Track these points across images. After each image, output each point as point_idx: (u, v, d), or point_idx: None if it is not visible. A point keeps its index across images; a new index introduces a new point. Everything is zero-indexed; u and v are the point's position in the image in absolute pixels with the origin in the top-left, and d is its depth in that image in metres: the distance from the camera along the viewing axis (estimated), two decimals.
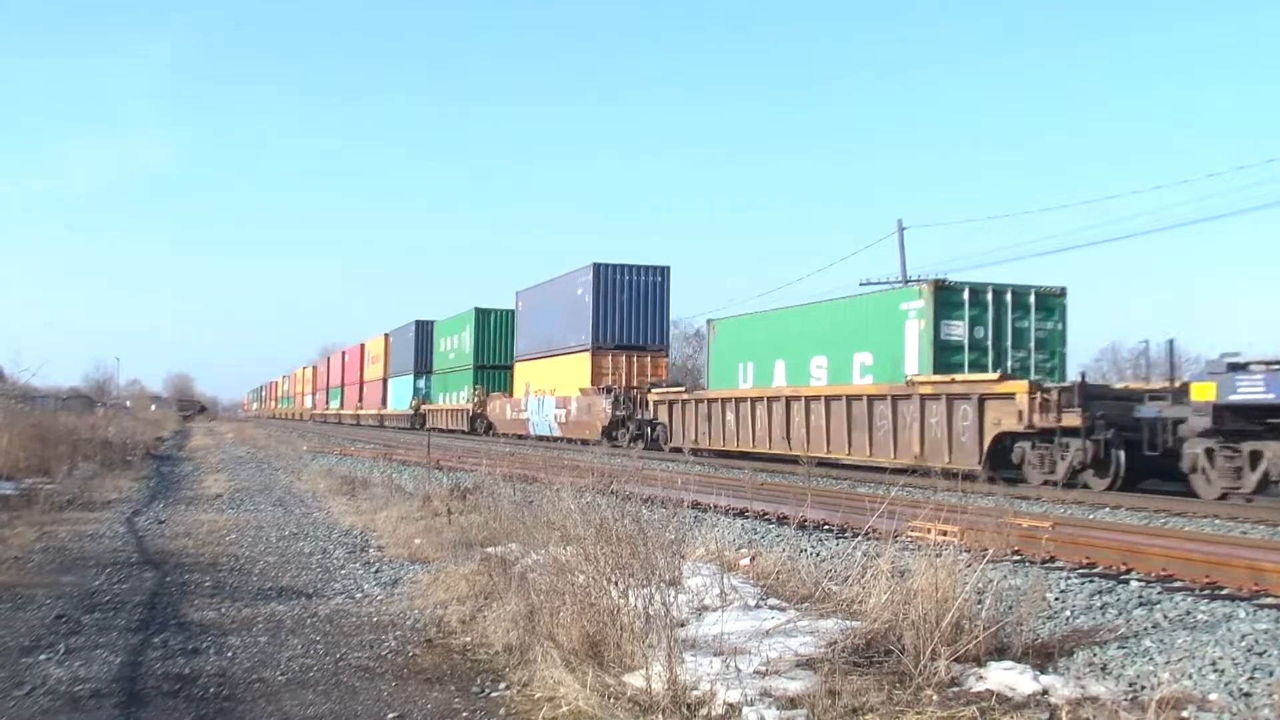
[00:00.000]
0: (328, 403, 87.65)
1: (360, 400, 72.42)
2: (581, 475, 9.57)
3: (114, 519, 14.42)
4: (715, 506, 12.31)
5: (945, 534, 7.49)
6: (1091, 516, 13.34)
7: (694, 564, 7.58)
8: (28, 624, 7.57)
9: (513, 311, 46.76)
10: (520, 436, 40.83)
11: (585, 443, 31.15)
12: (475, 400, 47.17)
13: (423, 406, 56.54)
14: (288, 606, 8.26)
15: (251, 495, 18.29)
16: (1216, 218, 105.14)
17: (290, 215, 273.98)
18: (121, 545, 11.87)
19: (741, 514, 12.41)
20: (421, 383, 58.25)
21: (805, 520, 10.85)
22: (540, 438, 38.92)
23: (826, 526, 11.30)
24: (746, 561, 8.54)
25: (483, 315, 48.81)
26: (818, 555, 9.39)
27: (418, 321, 59.59)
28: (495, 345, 48.27)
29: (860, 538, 7.91)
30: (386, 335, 66.81)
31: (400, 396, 61.60)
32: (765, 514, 12.43)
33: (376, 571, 9.84)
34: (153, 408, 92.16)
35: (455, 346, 52.20)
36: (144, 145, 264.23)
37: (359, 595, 8.74)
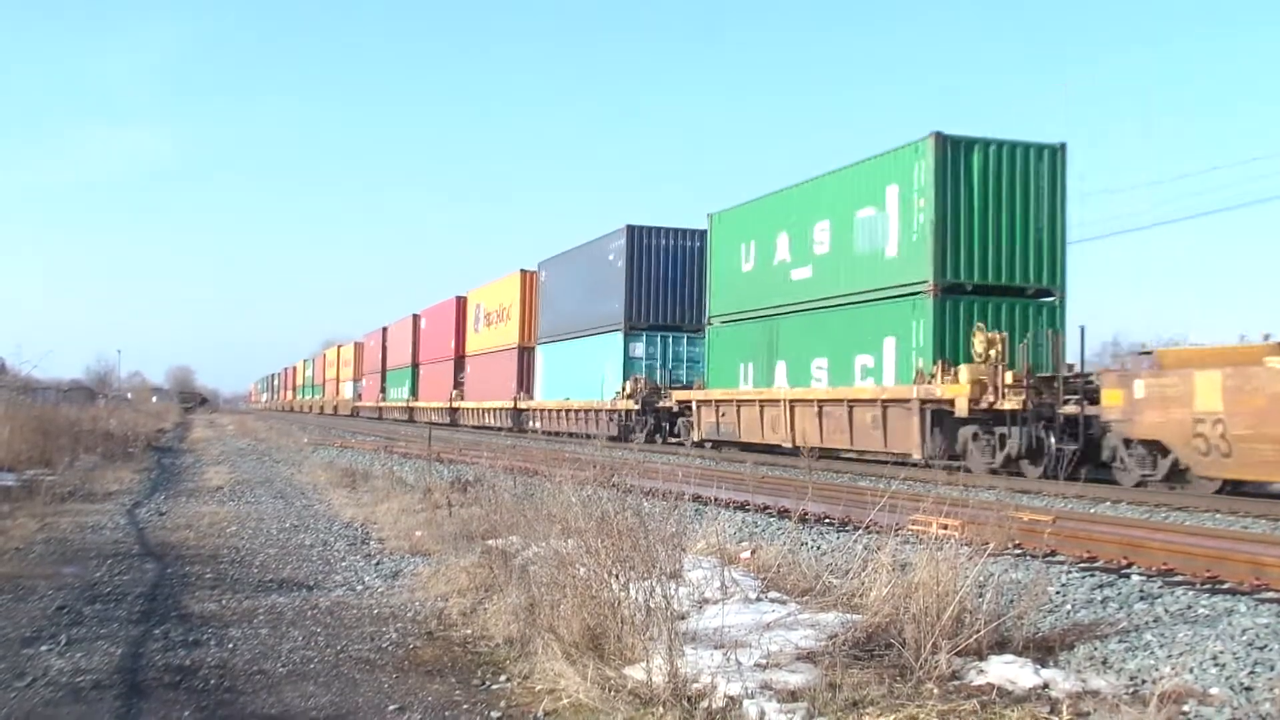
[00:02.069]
0: (384, 389, 67.45)
1: (459, 386, 48.76)
2: (582, 468, 9.57)
3: (115, 511, 14.43)
4: (716, 500, 12.30)
5: (946, 528, 7.49)
6: (1093, 510, 13.34)
7: (695, 557, 7.58)
8: (29, 615, 7.58)
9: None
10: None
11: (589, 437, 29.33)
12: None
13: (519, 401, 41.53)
14: (289, 599, 8.26)
15: (252, 487, 18.29)
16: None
17: (291, 207, 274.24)
18: (123, 537, 11.88)
19: (742, 507, 12.41)
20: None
21: (806, 514, 10.84)
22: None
23: (827, 520, 11.29)
24: (747, 555, 8.54)
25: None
26: (818, 549, 9.39)
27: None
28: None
29: (861, 531, 7.90)
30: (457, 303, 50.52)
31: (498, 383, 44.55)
32: (766, 507, 12.43)
33: (377, 564, 9.85)
34: (154, 400, 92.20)
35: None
36: (145, 136, 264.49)
37: (360, 587, 8.74)
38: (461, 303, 50.34)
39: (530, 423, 39.19)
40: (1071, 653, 5.96)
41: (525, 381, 40.73)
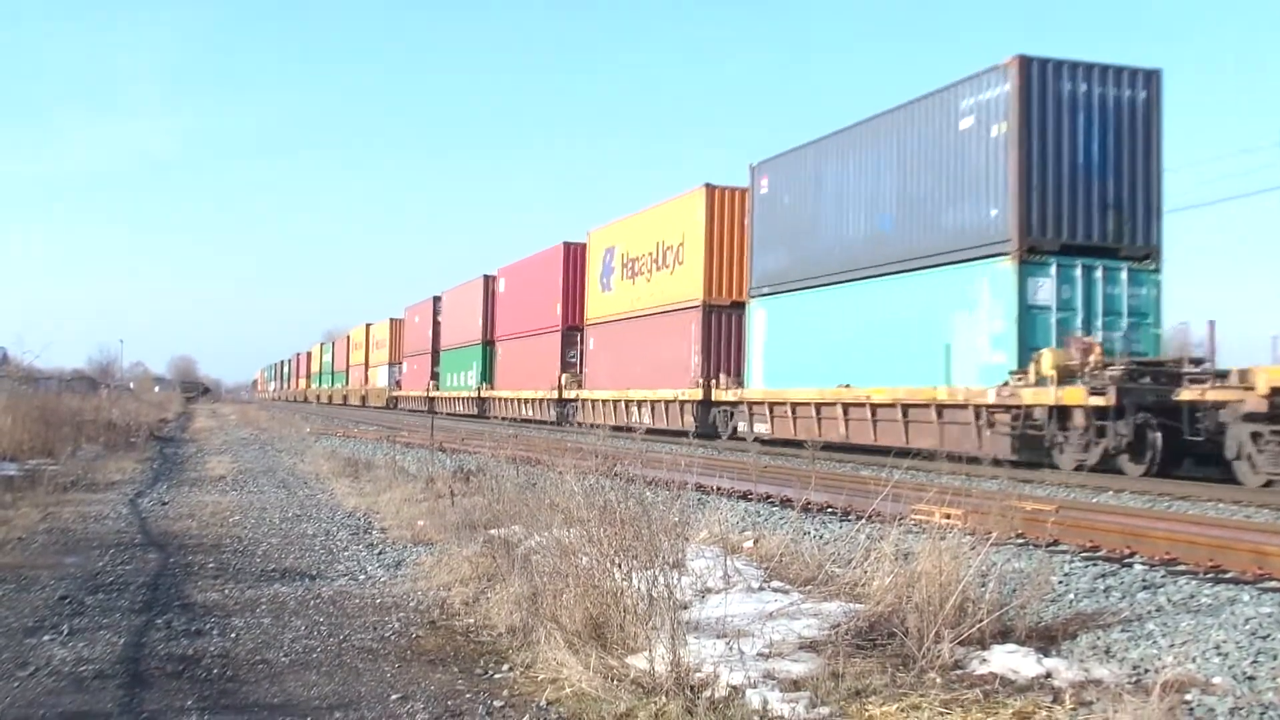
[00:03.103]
0: (437, 374, 54.03)
1: (570, 369, 36.20)
2: (585, 458, 9.56)
3: (117, 500, 14.44)
4: (719, 489, 12.31)
5: (949, 517, 7.48)
6: (1095, 500, 13.33)
7: (697, 546, 7.58)
8: (31, 605, 7.59)
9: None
10: None
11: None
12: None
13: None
14: (291, 588, 8.26)
15: (255, 477, 18.31)
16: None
17: (293, 198, 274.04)
18: (125, 527, 11.89)
19: (745, 497, 12.41)
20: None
21: (809, 503, 10.84)
22: None
23: (830, 509, 11.29)
24: (750, 544, 8.54)
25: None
26: (821, 538, 9.39)
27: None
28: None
29: (864, 521, 7.90)
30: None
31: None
32: (769, 497, 12.42)
33: (380, 553, 9.85)
34: (156, 390, 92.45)
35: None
36: (148, 127, 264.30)
37: (362, 577, 8.74)
38: (576, 251, 36.58)
39: (746, 425, 25.35)
40: (1074, 642, 5.96)
41: (719, 357, 27.15)
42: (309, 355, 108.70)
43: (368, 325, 75.24)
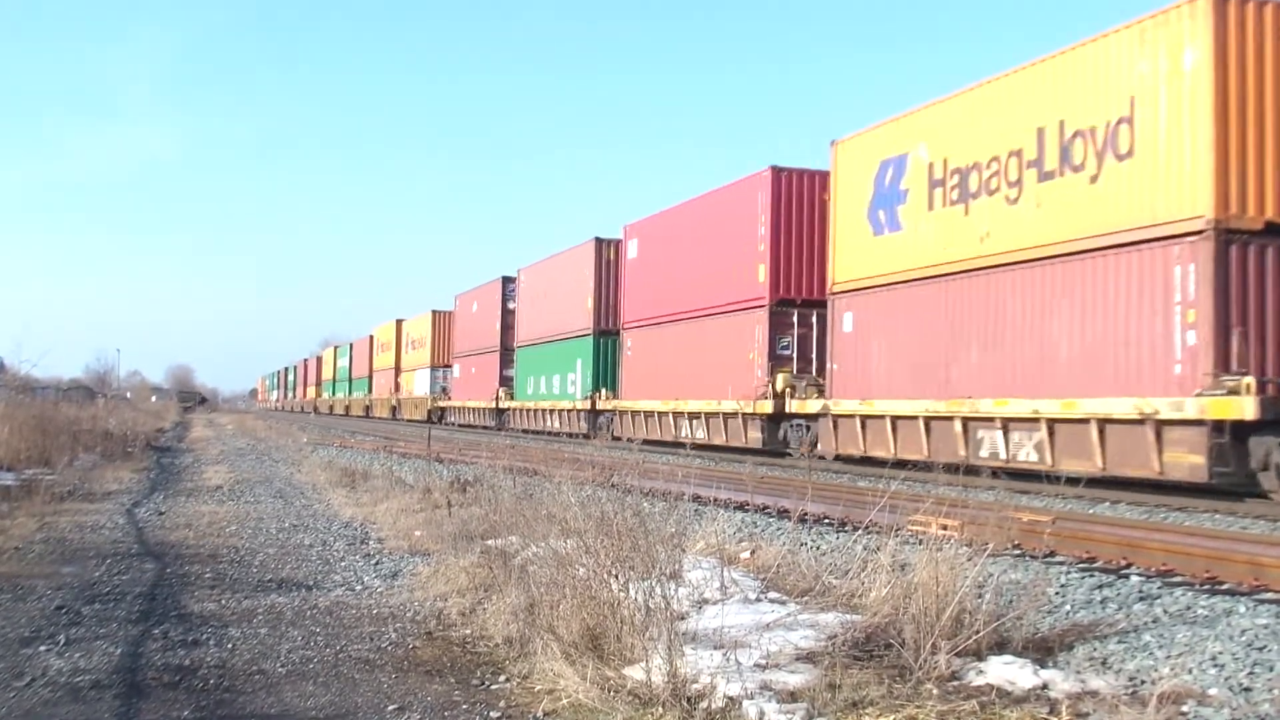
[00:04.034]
0: (510, 382, 39.86)
1: (781, 361, 22.47)
2: (581, 468, 9.56)
3: (114, 510, 14.42)
4: (715, 500, 12.31)
5: (946, 528, 7.49)
6: (1092, 511, 13.34)
7: (694, 557, 7.58)
8: (28, 615, 7.58)
9: None
10: None
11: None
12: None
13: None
14: (288, 598, 8.26)
15: (252, 487, 18.29)
16: None
17: (292, 206, 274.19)
18: (122, 536, 11.87)
19: (742, 508, 12.41)
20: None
21: (806, 514, 10.84)
22: None
23: (827, 520, 11.29)
24: (747, 555, 8.54)
25: None
26: (818, 549, 9.39)
27: None
28: None
29: (861, 531, 7.90)
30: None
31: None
32: (766, 507, 12.43)
33: (376, 564, 9.85)
34: (153, 399, 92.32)
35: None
36: (146, 134, 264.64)
37: (359, 587, 8.74)
38: (798, 181, 23.05)
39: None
40: (1071, 653, 5.96)
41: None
42: (318, 360, 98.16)
43: (399, 321, 62.45)
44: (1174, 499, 14.17)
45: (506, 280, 42.56)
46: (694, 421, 26.16)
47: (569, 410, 32.07)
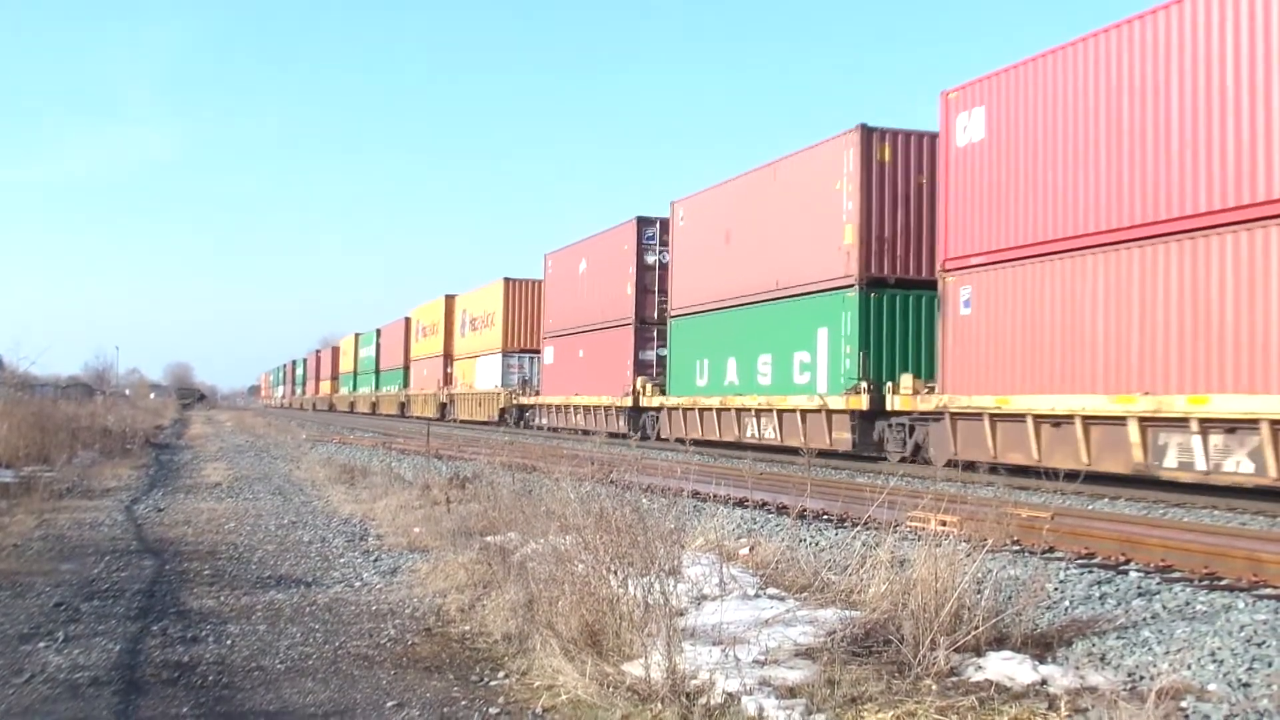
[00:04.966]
0: (654, 369, 28.73)
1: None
2: (580, 465, 9.57)
3: (113, 507, 14.42)
4: (714, 496, 12.30)
5: (944, 524, 7.49)
6: (1091, 507, 13.34)
7: (693, 553, 7.58)
8: (27, 611, 7.58)
9: None
10: None
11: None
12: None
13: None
14: (287, 595, 8.26)
15: (250, 484, 18.28)
16: None
17: (291, 205, 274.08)
18: (121, 533, 11.87)
19: (741, 504, 12.40)
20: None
21: (804, 510, 10.84)
22: None
23: (826, 516, 11.29)
24: (745, 551, 8.54)
25: None
26: (817, 545, 9.40)
27: None
28: None
29: (859, 528, 7.91)
30: None
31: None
32: (765, 504, 12.42)
33: (375, 560, 9.84)
34: (152, 396, 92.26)
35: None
36: (145, 134, 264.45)
37: (358, 584, 8.74)
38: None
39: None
40: (1069, 649, 5.96)
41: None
42: (334, 351, 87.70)
43: (449, 297, 50.59)
44: (1172, 495, 14.19)
45: (645, 222, 29.87)
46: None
47: (804, 412, 21.29)
